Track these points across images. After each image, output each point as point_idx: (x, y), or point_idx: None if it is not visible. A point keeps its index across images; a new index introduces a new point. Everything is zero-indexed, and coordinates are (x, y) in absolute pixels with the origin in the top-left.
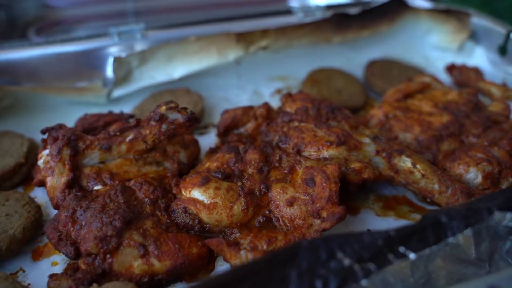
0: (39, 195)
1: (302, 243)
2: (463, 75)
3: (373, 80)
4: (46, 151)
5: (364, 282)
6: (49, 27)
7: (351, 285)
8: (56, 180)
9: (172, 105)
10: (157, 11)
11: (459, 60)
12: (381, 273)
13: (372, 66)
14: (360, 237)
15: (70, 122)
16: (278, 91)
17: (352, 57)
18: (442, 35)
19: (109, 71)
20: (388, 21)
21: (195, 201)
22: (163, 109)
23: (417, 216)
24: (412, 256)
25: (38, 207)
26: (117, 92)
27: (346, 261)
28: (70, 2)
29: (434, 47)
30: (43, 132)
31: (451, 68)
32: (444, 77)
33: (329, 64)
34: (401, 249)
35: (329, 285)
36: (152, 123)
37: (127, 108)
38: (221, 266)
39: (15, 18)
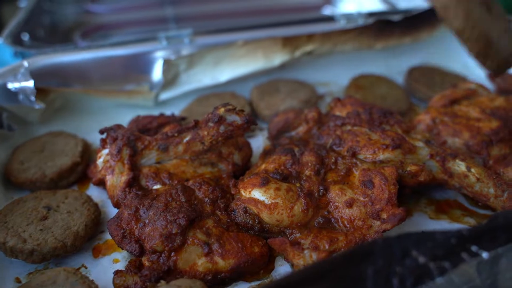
0: (94, 194)
1: (377, 241)
2: (506, 82)
3: (416, 86)
4: (106, 151)
5: (439, 280)
6: (93, 32)
7: (426, 283)
8: (116, 179)
9: (230, 107)
10: (196, 17)
11: None
12: (447, 274)
13: (414, 72)
14: (433, 235)
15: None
16: (321, 97)
17: (392, 64)
18: None
19: (157, 74)
20: (429, 28)
21: (256, 201)
22: (221, 111)
23: (471, 220)
24: (485, 255)
25: (96, 205)
26: (164, 95)
27: (421, 259)
28: (110, 9)
29: None
30: (101, 132)
31: (493, 75)
32: (487, 85)
33: (370, 70)
34: (474, 248)
35: (406, 282)
36: (210, 124)
37: (174, 111)
38: (281, 266)
39: (58, 24)
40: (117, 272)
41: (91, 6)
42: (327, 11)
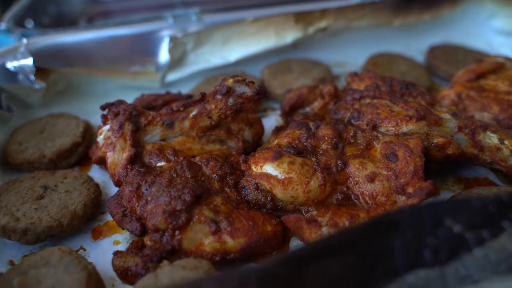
0: (96, 175)
1: (405, 209)
2: None
3: (437, 65)
4: (107, 127)
5: (478, 252)
6: (98, 18)
7: (463, 256)
8: (118, 155)
9: (239, 78)
10: (204, 2)
11: None
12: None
13: (434, 51)
14: (469, 202)
15: None
16: (337, 77)
17: (411, 43)
18: (508, 18)
19: (164, 55)
20: (450, 4)
21: (268, 176)
22: (230, 82)
23: None
24: None
25: (97, 185)
26: (171, 76)
27: (456, 228)
28: None
29: (498, 32)
30: (103, 108)
31: None
32: None
33: (388, 49)
34: None
35: (439, 255)
36: (218, 97)
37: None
38: (296, 247)
39: (63, 12)
40: (116, 253)
41: None
42: None
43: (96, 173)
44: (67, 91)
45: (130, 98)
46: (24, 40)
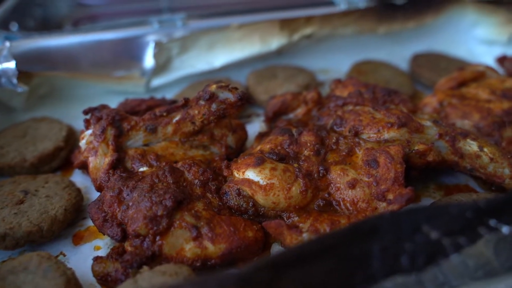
0: (78, 180)
1: (384, 215)
2: None
3: (420, 72)
4: (89, 131)
5: (455, 258)
6: (84, 22)
7: (440, 261)
8: (100, 160)
9: (223, 84)
10: (191, 8)
11: (508, 53)
12: (461, 255)
13: (418, 58)
14: (446, 208)
15: None
16: (321, 83)
17: (395, 51)
18: (490, 27)
19: (149, 60)
20: (434, 12)
21: (250, 182)
22: (213, 87)
23: None
24: (505, 229)
25: (78, 190)
26: (156, 81)
27: (434, 234)
28: (103, 1)
29: (480, 41)
30: (85, 112)
31: (502, 60)
32: None
33: (372, 57)
34: (492, 221)
35: (416, 260)
36: (201, 102)
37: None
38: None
39: (49, 16)
40: (96, 258)
41: None
42: None
43: (78, 178)
44: (51, 95)
45: (114, 102)
46: (7, 43)
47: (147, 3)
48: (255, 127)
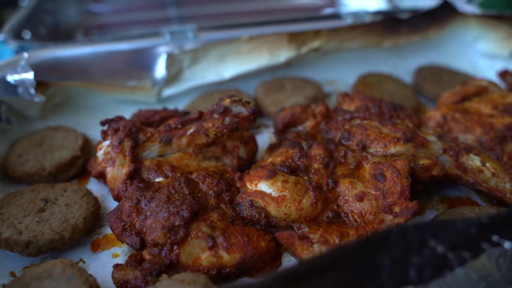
0: (94, 188)
1: (393, 229)
2: None
3: (424, 85)
4: (107, 142)
5: (459, 271)
6: (95, 31)
7: (445, 274)
8: (117, 171)
9: (236, 98)
10: (200, 17)
11: (510, 67)
12: (465, 268)
13: (422, 71)
14: (452, 224)
15: None
16: (328, 95)
17: (399, 64)
18: (492, 42)
19: (160, 71)
20: (437, 26)
21: (262, 194)
22: (227, 101)
23: None
24: (507, 245)
25: (96, 199)
26: (167, 91)
27: (440, 249)
28: (113, 9)
29: (482, 55)
30: (102, 123)
31: (504, 74)
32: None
33: (377, 69)
34: (495, 237)
35: (424, 273)
36: (215, 116)
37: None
38: (288, 262)
39: (60, 23)
40: (116, 266)
41: (94, 6)
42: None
43: (94, 186)
44: (65, 104)
45: (126, 112)
46: (25, 54)
47: (156, 11)
48: (264, 138)
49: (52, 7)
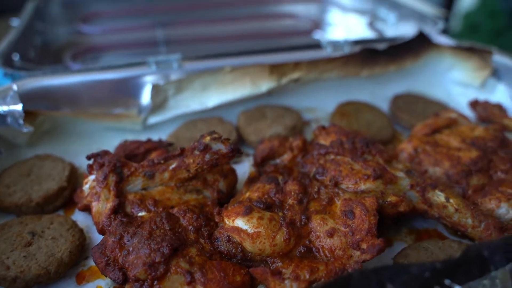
0: (80, 219)
1: (353, 274)
2: (486, 111)
3: (399, 115)
4: (92, 177)
5: None
6: (83, 53)
7: None
8: (102, 205)
9: (216, 135)
10: (186, 40)
11: (481, 96)
12: None
13: (397, 100)
14: (408, 268)
15: (106, 147)
16: (307, 122)
17: (377, 91)
18: (465, 71)
19: (146, 98)
20: (413, 56)
21: (239, 230)
22: (207, 139)
23: None
24: None
25: (81, 231)
26: (152, 119)
27: None
28: (101, 30)
29: (456, 83)
30: (88, 158)
31: (474, 104)
32: (467, 112)
33: (355, 97)
34: (447, 281)
35: None
36: (196, 152)
37: (161, 135)
38: None
39: (49, 44)
40: None
41: (83, 27)
42: (316, 36)
43: (80, 217)
44: (52, 132)
45: (113, 139)
46: (14, 86)
47: (143, 33)
48: (244, 167)
49: (42, 28)
